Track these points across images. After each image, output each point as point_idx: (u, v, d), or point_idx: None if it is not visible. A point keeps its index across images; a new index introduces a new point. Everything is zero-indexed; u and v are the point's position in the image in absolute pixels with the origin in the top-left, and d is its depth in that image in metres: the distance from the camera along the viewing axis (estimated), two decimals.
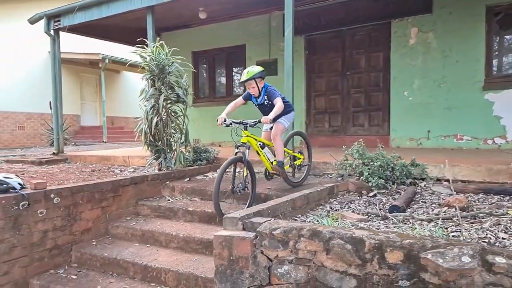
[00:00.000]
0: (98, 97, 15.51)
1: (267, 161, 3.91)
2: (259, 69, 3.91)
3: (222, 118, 3.81)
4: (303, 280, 2.01)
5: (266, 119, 3.59)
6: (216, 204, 3.40)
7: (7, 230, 3.39)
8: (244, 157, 3.58)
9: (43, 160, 6.97)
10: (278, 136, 3.92)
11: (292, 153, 4.36)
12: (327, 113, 7.56)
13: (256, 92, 3.94)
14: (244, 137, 3.71)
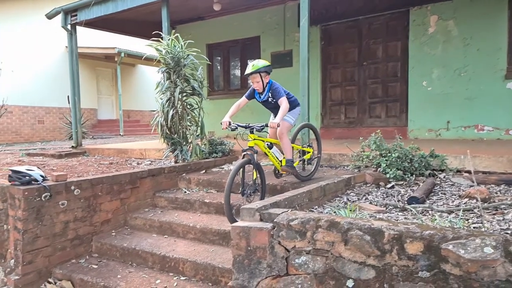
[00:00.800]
0: (114, 91, 15.71)
1: (276, 161, 3.84)
2: (265, 63, 3.79)
3: (227, 122, 3.69)
4: (321, 270, 2.01)
5: (274, 124, 3.49)
6: (228, 211, 3.25)
7: (31, 221, 3.49)
8: (252, 159, 3.47)
9: (62, 153, 7.13)
10: (284, 134, 3.81)
11: (300, 148, 4.24)
12: (343, 105, 7.47)
13: (260, 87, 3.83)
14: (251, 141, 3.59)
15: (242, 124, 3.64)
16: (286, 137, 3.83)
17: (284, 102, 3.68)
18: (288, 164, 3.79)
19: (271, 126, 3.50)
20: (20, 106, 12.49)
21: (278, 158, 3.86)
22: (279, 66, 7.71)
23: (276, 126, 3.48)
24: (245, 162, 3.45)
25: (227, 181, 3.26)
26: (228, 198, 3.22)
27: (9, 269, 3.54)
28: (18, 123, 12.57)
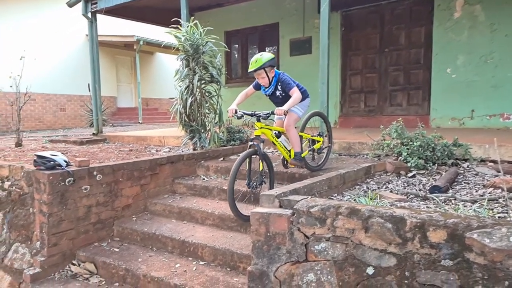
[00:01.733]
0: (133, 79, 15.88)
1: (284, 150, 3.71)
2: (269, 56, 3.57)
3: (233, 110, 3.58)
4: (341, 257, 2.00)
5: (280, 111, 3.31)
6: (231, 204, 3.16)
7: (55, 205, 3.59)
8: (259, 149, 3.32)
9: (84, 140, 7.28)
10: (291, 126, 3.65)
11: (310, 137, 4.06)
12: (363, 93, 7.34)
13: (266, 82, 3.65)
14: (258, 130, 3.44)
15: (248, 112, 3.52)
16: (293, 130, 3.67)
17: (296, 92, 3.51)
18: (296, 158, 3.65)
19: (278, 113, 3.33)
20: (43, 93, 12.78)
21: (287, 147, 3.74)
22: (298, 53, 7.62)
23: (282, 114, 3.31)
24: (250, 152, 3.33)
25: (231, 173, 3.15)
26: (231, 191, 3.12)
27: (35, 250, 3.67)
28: (41, 110, 12.89)
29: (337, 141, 4.85)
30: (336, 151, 4.80)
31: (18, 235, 3.87)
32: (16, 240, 3.88)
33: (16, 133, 6.76)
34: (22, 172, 3.92)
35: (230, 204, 3.16)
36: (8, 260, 3.83)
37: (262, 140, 3.42)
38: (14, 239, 3.90)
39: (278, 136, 3.67)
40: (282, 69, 8.00)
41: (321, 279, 2.03)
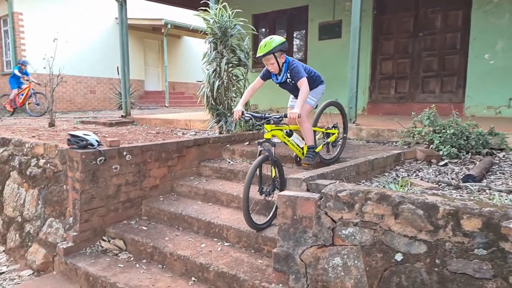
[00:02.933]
0: (160, 63, 16.05)
1: (297, 149, 3.54)
2: (279, 40, 3.28)
3: (239, 112, 3.30)
4: (368, 243, 1.98)
5: (294, 114, 3.06)
6: (246, 213, 3.02)
7: (87, 182, 3.71)
8: (270, 155, 3.13)
9: (113, 122, 7.46)
10: (304, 118, 3.39)
11: (324, 130, 3.83)
12: (393, 79, 7.12)
13: (276, 68, 3.37)
14: (268, 133, 3.19)
15: (258, 114, 3.28)
16: (306, 122, 3.43)
17: (304, 84, 3.24)
18: (309, 153, 3.44)
19: (291, 117, 3.09)
20: (74, 76, 13.12)
21: (299, 145, 3.55)
22: (327, 37, 7.45)
23: (296, 117, 3.07)
24: (262, 160, 3.13)
25: (245, 183, 3.00)
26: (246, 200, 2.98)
27: (68, 225, 3.83)
28: (72, 92, 13.27)
29: (365, 127, 4.75)
30: (364, 138, 4.71)
31: (52, 211, 4.04)
32: (50, 215, 4.06)
33: (49, 113, 7.00)
34: (56, 150, 4.06)
35: (245, 213, 3.02)
36: (43, 234, 4.02)
37: (273, 144, 3.20)
38: (49, 214, 4.07)
39: (290, 134, 3.45)
40: (310, 54, 7.93)
41: (348, 264, 2.01)
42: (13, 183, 4.59)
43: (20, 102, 10.69)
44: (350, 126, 4.84)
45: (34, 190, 4.26)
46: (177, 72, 16.53)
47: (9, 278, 3.85)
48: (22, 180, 4.46)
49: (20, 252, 4.22)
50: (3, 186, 4.73)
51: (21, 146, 4.61)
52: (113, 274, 3.25)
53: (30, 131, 5.94)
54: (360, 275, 1.98)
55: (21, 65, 10.64)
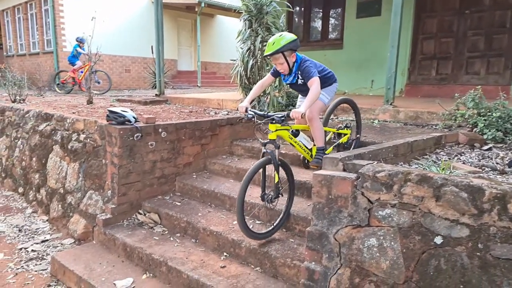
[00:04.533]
0: (193, 42, 16.11)
1: (305, 150, 3.26)
2: (290, 38, 2.97)
3: (243, 108, 3.08)
4: (406, 225, 1.93)
5: (297, 114, 2.76)
6: (240, 220, 2.81)
7: (125, 158, 3.83)
8: (273, 158, 2.91)
9: (147, 101, 7.62)
10: (315, 117, 3.11)
11: (335, 130, 3.56)
12: (435, 59, 6.77)
13: (286, 69, 3.08)
14: (272, 133, 2.96)
15: (261, 112, 3.04)
16: (317, 121, 3.14)
17: (315, 84, 2.93)
18: (318, 155, 3.15)
19: (294, 116, 2.81)
20: (110, 55, 13.44)
21: (307, 146, 3.26)
22: (365, 15, 7.17)
23: (300, 117, 2.79)
24: (263, 162, 2.91)
25: (240, 188, 2.78)
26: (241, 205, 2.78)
27: (106, 198, 3.99)
28: (108, 71, 13.62)
29: (403, 109, 4.59)
30: (401, 120, 4.56)
31: (92, 184, 4.22)
32: (90, 188, 4.24)
33: (87, 91, 7.23)
34: (96, 126, 4.20)
35: (239, 221, 2.82)
36: (83, 206, 4.21)
37: (277, 146, 2.96)
38: (89, 187, 4.25)
39: (296, 134, 3.17)
40: (346, 33, 7.69)
41: (384, 245, 1.98)
42: (56, 157, 4.82)
43: (79, 79, 10.87)
44: (387, 108, 4.70)
45: (75, 163, 4.45)
46: (209, 52, 16.56)
47: (53, 246, 4.09)
48: (64, 154, 4.67)
49: (62, 222, 4.45)
50: (47, 159, 4.97)
51: (63, 122, 4.80)
52: (149, 246, 3.38)
53: (70, 107, 6.18)
54: (396, 256, 1.94)
55: (80, 43, 10.70)
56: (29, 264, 3.72)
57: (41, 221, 4.69)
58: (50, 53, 13.04)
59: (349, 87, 7.81)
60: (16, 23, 15.13)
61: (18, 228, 4.48)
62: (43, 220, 4.69)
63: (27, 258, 3.83)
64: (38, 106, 6.40)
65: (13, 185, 5.69)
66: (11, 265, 3.69)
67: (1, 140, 6.24)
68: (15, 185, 5.63)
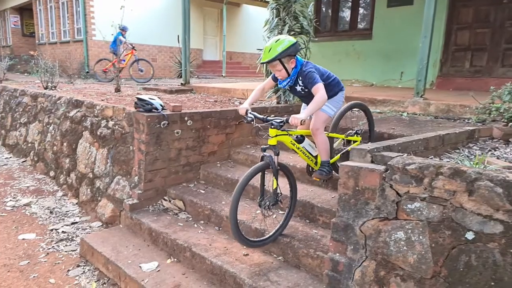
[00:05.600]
0: (219, 32, 16.12)
1: (309, 158, 3.07)
2: (288, 43, 2.71)
3: (244, 109, 2.90)
4: (436, 219, 1.88)
5: (296, 120, 2.54)
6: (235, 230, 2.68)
7: (151, 145, 3.90)
8: (271, 163, 2.76)
9: (173, 89, 7.72)
10: (320, 130, 2.92)
11: (343, 137, 3.31)
12: (469, 50, 6.49)
13: (284, 75, 2.86)
14: (272, 138, 2.78)
15: (260, 115, 2.83)
16: (321, 134, 2.93)
17: (320, 90, 2.68)
18: (323, 168, 2.99)
19: (293, 123, 2.58)
20: (137, 44, 13.61)
21: (312, 153, 3.07)
22: (396, 4, 6.94)
23: (299, 123, 2.56)
24: (261, 167, 2.76)
25: (234, 193, 2.65)
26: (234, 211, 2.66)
27: (133, 184, 4.08)
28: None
29: (434, 102, 4.45)
30: (432, 113, 4.43)
31: (119, 169, 4.32)
32: (117, 173, 4.35)
33: (116, 79, 7.38)
34: (124, 113, 4.29)
35: (233, 227, 2.69)
36: (111, 190, 4.33)
37: (277, 152, 2.80)
38: (116, 172, 4.36)
39: (301, 140, 2.98)
40: (376, 23, 7.49)
41: (412, 239, 1.94)
42: (85, 142, 4.96)
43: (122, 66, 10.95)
44: (417, 100, 4.56)
45: (104, 149, 4.58)
46: (234, 42, 16.54)
47: (82, 228, 4.24)
48: (93, 139, 4.80)
49: (91, 205, 4.60)
50: (77, 145, 5.13)
51: (93, 108, 4.93)
52: (173, 232, 3.45)
53: (99, 95, 6.33)
54: (425, 251, 1.90)
55: (122, 31, 10.54)
56: (60, 245, 3.87)
57: (71, 204, 4.86)
58: (80, 41, 13.36)
59: (377, 79, 7.63)
60: (48, 12, 15.57)
61: (49, 210, 4.66)
62: (73, 203, 4.86)
63: (58, 239, 3.98)
64: (69, 93, 6.59)
65: (45, 168, 5.91)
66: (43, 245, 3.85)
67: (34, 125, 6.48)
68: (46, 169, 5.85)
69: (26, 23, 19.42)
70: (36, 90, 6.99)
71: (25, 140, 6.67)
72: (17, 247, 3.79)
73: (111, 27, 7.11)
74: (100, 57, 12.07)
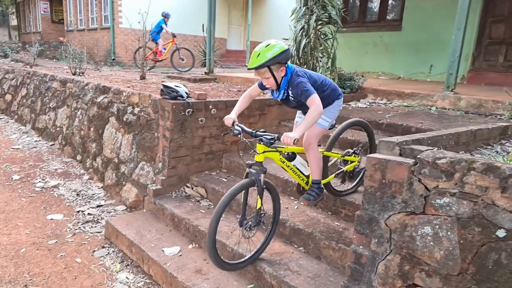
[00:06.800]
0: (243, 21, 16.03)
1: (300, 177, 2.86)
2: (279, 49, 2.46)
3: (231, 120, 2.71)
4: (466, 215, 1.82)
5: (289, 140, 2.32)
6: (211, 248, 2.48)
7: (176, 132, 3.95)
8: (257, 181, 2.56)
9: (196, 78, 7.76)
10: (313, 144, 2.70)
11: (339, 157, 3.09)
12: (504, 44, 6.23)
13: (273, 84, 2.59)
14: (260, 155, 2.57)
15: (249, 129, 2.61)
16: (315, 150, 2.72)
17: (314, 104, 2.43)
18: (313, 189, 2.79)
19: (285, 142, 2.35)
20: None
21: (304, 173, 2.86)
22: None
23: (291, 143, 2.33)
24: (245, 185, 2.57)
25: (215, 212, 2.45)
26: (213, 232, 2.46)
27: (157, 170, 4.15)
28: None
29: (465, 97, 4.31)
30: (462, 108, 4.29)
31: (144, 155, 4.40)
32: (142, 159, 4.43)
33: (141, 67, 7.48)
34: (150, 100, 4.35)
35: (210, 248, 2.49)
36: (135, 175, 4.42)
37: (263, 170, 2.58)
38: (141, 158, 4.45)
39: (292, 158, 2.71)
40: (406, 14, 7.28)
41: (439, 234, 1.89)
42: (112, 128, 5.07)
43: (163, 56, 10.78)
44: (447, 95, 4.42)
45: (129, 135, 4.66)
46: (259, 31, 16.41)
47: (106, 211, 4.36)
48: (119, 125, 4.90)
49: (116, 190, 4.71)
50: (103, 130, 5.24)
51: (119, 95, 5.02)
52: (195, 218, 3.49)
53: (125, 82, 6.43)
54: (452, 247, 1.85)
55: (165, 18, 10.48)
56: (85, 226, 3.99)
57: (97, 187, 5.00)
58: (107, 29, 13.58)
59: (405, 72, 7.44)
60: None
61: (76, 193, 4.80)
62: (98, 187, 5.00)
63: (84, 220, 4.11)
64: (96, 79, 6.73)
65: (72, 152, 6.09)
66: (70, 225, 3.99)
67: (62, 109, 6.67)
68: (74, 153, 6.03)
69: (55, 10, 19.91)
70: (65, 76, 7.17)
71: (54, 124, 6.88)
72: (46, 226, 3.93)
73: (138, 14, 7.16)
74: (126, 44, 12.23)
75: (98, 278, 3.12)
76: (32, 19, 21.15)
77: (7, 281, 3.00)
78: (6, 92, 9.64)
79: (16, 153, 6.31)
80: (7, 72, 10.11)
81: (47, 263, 3.28)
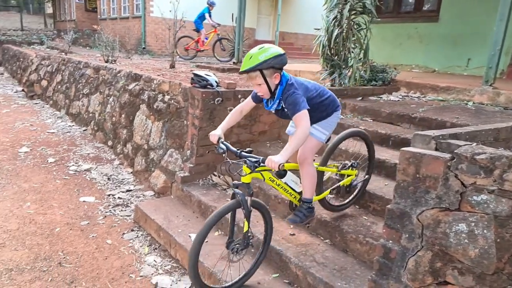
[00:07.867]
0: (273, 11, 15.89)
1: (291, 195, 2.70)
2: (273, 52, 2.27)
3: (216, 136, 2.53)
4: (504, 213, 1.75)
5: (274, 164, 2.12)
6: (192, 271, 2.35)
7: (205, 120, 3.98)
8: (243, 203, 2.40)
9: (225, 68, 7.79)
10: (308, 160, 2.51)
11: (336, 171, 2.92)
12: None
13: (265, 92, 2.37)
14: (246, 176, 2.40)
15: (234, 148, 2.43)
16: (310, 165, 2.53)
17: (302, 122, 2.23)
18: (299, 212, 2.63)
19: (269, 166, 2.17)
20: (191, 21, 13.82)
21: (296, 190, 2.68)
22: None
23: (276, 168, 2.13)
24: (231, 207, 2.44)
25: (198, 233, 2.34)
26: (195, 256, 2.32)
27: (185, 157, 4.21)
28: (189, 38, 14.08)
29: (505, 92, 4.11)
30: (501, 104, 4.10)
31: (173, 142, 4.48)
32: (171, 146, 4.50)
33: (171, 56, 7.57)
34: (180, 88, 4.40)
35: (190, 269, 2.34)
36: (164, 162, 4.51)
37: (250, 192, 2.42)
38: (170, 145, 4.52)
39: (282, 175, 2.48)
40: (444, 4, 6.99)
41: (475, 232, 1.83)
42: (142, 115, 5.17)
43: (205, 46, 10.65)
44: (485, 89, 4.24)
45: (159, 122, 4.75)
46: (288, 22, 16.24)
47: (136, 196, 4.47)
48: (149, 112, 4.99)
49: (145, 175, 4.82)
50: (134, 117, 5.36)
51: (150, 82, 5.10)
52: None
53: (155, 70, 6.54)
54: (488, 246, 1.79)
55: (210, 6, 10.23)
56: (116, 209, 4.12)
57: (126, 172, 5.13)
58: (139, 17, 13.79)
59: (440, 65, 7.18)
60: None
61: (107, 177, 4.95)
62: (128, 172, 5.13)
63: (114, 204, 4.24)
64: (127, 67, 6.87)
65: (103, 138, 6.27)
66: (101, 208, 4.12)
67: (95, 96, 6.86)
68: (105, 138, 6.21)
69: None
70: (98, 63, 7.36)
71: (87, 110, 7.10)
72: (78, 208, 4.09)
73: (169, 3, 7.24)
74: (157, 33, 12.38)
75: (127, 259, 3.22)
76: (66, 7, 21.78)
77: (42, 258, 3.15)
78: (42, 78, 10.01)
79: (51, 137, 6.57)
80: (43, 59, 10.50)
81: (79, 243, 3.42)
